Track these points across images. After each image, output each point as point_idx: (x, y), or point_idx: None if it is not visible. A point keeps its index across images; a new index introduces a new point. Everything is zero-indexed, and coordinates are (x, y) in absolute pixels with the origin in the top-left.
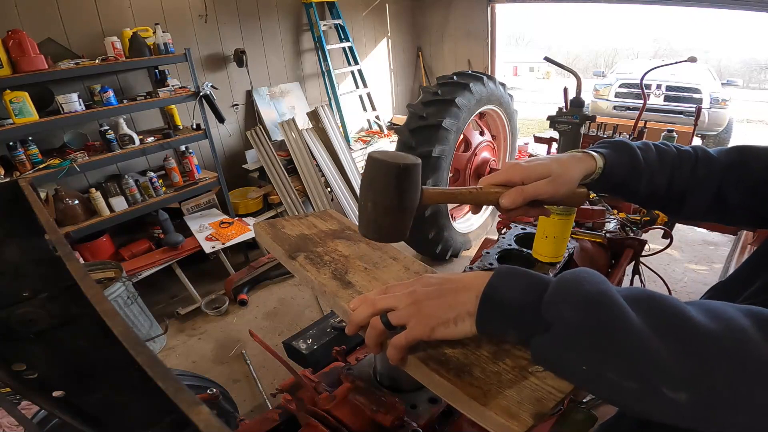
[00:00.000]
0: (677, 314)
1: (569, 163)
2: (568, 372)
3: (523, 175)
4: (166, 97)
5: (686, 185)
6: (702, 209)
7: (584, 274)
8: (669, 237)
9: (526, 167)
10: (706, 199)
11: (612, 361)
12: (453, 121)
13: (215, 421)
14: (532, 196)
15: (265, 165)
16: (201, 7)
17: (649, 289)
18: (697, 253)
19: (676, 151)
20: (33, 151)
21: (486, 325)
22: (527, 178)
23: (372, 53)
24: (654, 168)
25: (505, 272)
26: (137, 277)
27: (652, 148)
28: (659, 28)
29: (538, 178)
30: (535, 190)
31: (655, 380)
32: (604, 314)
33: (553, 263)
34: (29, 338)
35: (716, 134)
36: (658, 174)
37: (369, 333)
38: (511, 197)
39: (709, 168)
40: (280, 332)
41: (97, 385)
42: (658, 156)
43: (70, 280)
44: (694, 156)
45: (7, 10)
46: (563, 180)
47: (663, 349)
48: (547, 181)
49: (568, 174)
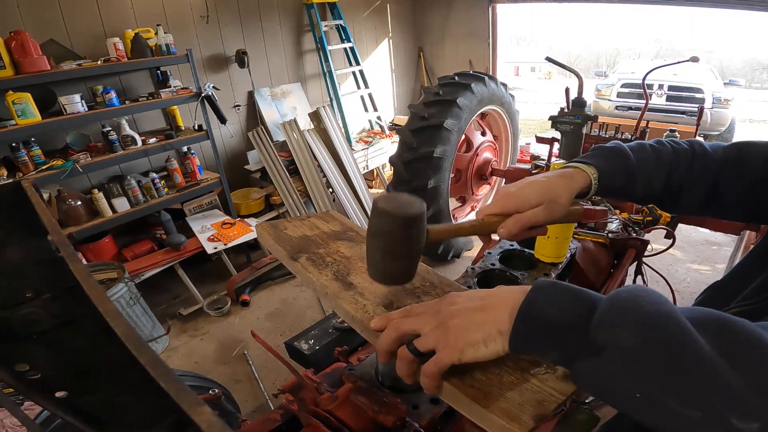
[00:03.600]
0: (751, 339)
1: (560, 185)
2: (618, 398)
3: (517, 205)
4: (168, 98)
5: (682, 181)
6: (697, 204)
7: (641, 292)
8: (672, 237)
9: (519, 197)
10: (701, 194)
11: (675, 389)
12: (454, 121)
13: (217, 421)
14: (529, 224)
15: (267, 166)
16: (202, 7)
17: (717, 311)
18: (700, 254)
19: (672, 149)
20: (36, 152)
21: (521, 344)
22: (522, 207)
23: (373, 54)
24: (649, 169)
25: (548, 286)
26: (140, 277)
27: (647, 149)
28: (661, 28)
29: (532, 207)
30: (531, 218)
31: (724, 410)
32: (668, 339)
33: (555, 263)
34: (32, 339)
35: (719, 134)
36: (654, 174)
37: (399, 366)
38: (508, 228)
39: (705, 163)
40: (282, 333)
41: (99, 385)
42: (655, 156)
43: (73, 281)
44: (691, 152)
45: (10, 12)
46: (557, 205)
47: (735, 377)
48: (541, 208)
49: (561, 198)
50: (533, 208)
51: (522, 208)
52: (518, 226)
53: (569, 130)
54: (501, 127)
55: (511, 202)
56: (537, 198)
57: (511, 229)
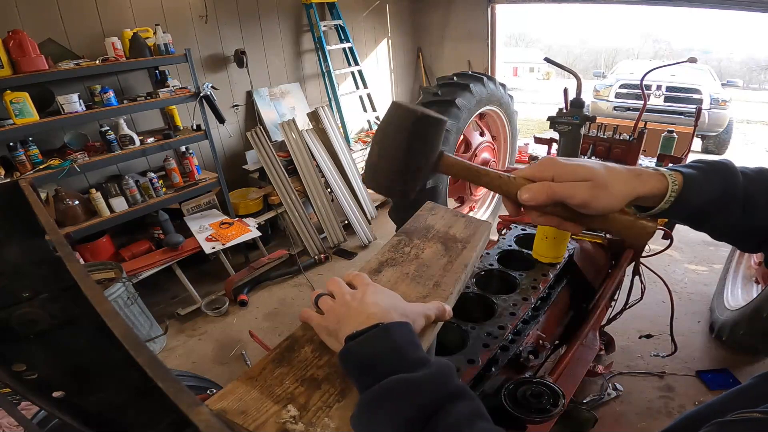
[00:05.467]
0: None
1: (622, 175)
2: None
3: (556, 172)
4: (166, 97)
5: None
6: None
7: None
8: (669, 238)
9: (563, 164)
10: None
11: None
12: (453, 121)
13: (215, 421)
14: (560, 196)
15: (266, 166)
16: (201, 7)
17: None
18: (698, 254)
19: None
20: (33, 151)
21: (344, 359)
22: (561, 176)
23: (372, 54)
24: (762, 201)
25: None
26: (137, 277)
27: None
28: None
29: (574, 179)
30: (565, 190)
31: None
32: None
33: (553, 264)
34: (29, 339)
35: (716, 135)
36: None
37: None
38: (533, 191)
39: None
40: (280, 333)
41: (97, 385)
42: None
43: (71, 281)
44: None
45: (8, 11)
46: (605, 191)
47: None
48: (585, 184)
49: (615, 186)
50: (576, 182)
51: (560, 177)
52: (545, 194)
53: (567, 130)
54: (499, 127)
55: (551, 167)
56: (585, 173)
57: (535, 194)
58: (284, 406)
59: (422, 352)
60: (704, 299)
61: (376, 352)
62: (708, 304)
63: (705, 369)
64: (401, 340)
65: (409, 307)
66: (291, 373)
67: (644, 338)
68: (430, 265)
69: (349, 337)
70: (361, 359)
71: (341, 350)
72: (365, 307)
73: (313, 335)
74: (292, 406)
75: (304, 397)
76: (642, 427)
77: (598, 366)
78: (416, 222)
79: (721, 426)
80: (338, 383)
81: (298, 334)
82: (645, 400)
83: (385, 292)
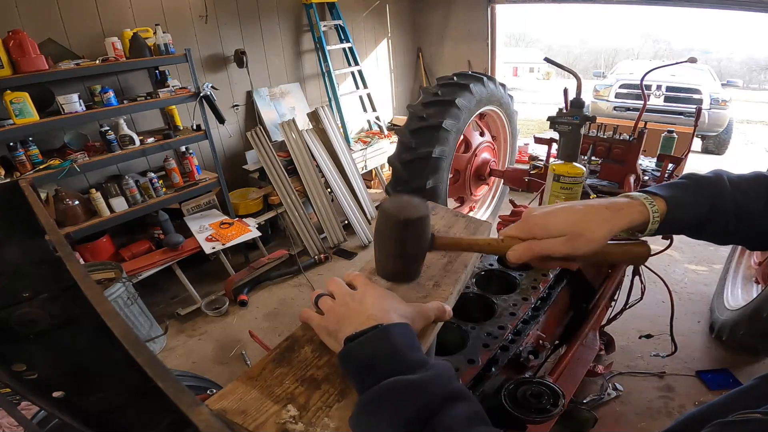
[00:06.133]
0: None
1: (597, 218)
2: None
3: (535, 231)
4: (166, 97)
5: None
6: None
7: None
8: (669, 238)
9: (539, 223)
10: None
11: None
12: (453, 121)
13: (215, 421)
14: (543, 253)
15: (266, 166)
16: (201, 7)
17: None
18: (698, 254)
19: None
20: (33, 151)
21: (343, 360)
22: (539, 234)
23: (372, 54)
24: (753, 208)
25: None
26: (137, 277)
27: (763, 181)
28: (659, 29)
29: (551, 236)
30: (546, 248)
31: None
32: None
33: None
34: (29, 339)
35: (716, 135)
36: (762, 216)
37: None
38: (518, 253)
39: None
40: (280, 333)
41: (97, 385)
42: None
43: (71, 281)
44: None
45: (8, 11)
46: (582, 239)
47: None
48: (561, 240)
49: (590, 232)
50: (553, 238)
51: (539, 235)
52: (528, 254)
53: (567, 130)
54: (499, 127)
55: (530, 226)
56: (559, 227)
57: (520, 254)
58: (284, 406)
59: (422, 354)
60: (704, 299)
61: (375, 353)
62: (708, 304)
63: (705, 369)
64: (401, 341)
65: (409, 307)
66: (291, 373)
67: (644, 338)
68: (429, 265)
69: (349, 338)
70: (360, 360)
71: (341, 351)
72: (365, 308)
73: (313, 335)
74: (292, 406)
75: (304, 397)
76: (642, 427)
77: (598, 366)
78: None
79: (722, 426)
80: (338, 383)
81: (298, 334)
82: (645, 400)
83: (385, 292)
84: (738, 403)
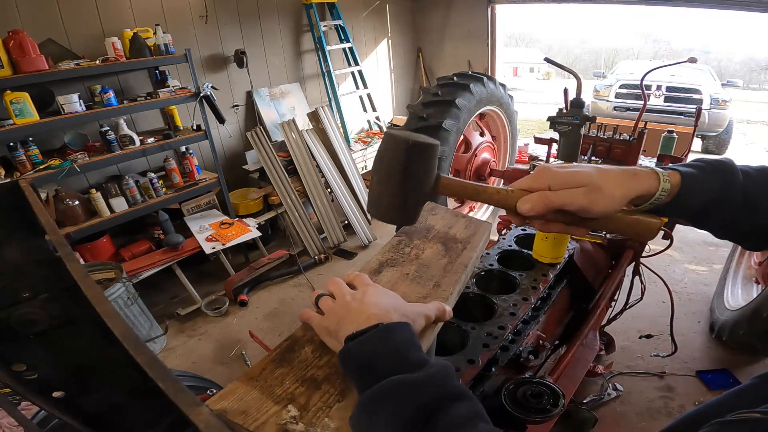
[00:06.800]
0: None
1: (616, 176)
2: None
3: (551, 181)
4: (166, 97)
5: None
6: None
7: None
8: (669, 238)
9: (557, 172)
10: None
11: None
12: (453, 122)
13: (215, 421)
14: (558, 204)
15: (266, 166)
16: (201, 7)
17: None
18: (698, 254)
19: None
20: (33, 151)
21: (342, 359)
22: (556, 184)
23: (372, 54)
24: (762, 196)
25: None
26: (137, 277)
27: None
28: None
29: (570, 186)
30: (562, 198)
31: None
32: None
33: (553, 264)
34: (29, 339)
35: (716, 135)
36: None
37: None
38: (532, 202)
39: None
40: (280, 333)
41: (97, 385)
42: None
43: (71, 281)
44: None
45: (8, 11)
46: (601, 194)
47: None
48: (580, 190)
49: (610, 188)
50: (571, 189)
51: (555, 186)
52: (541, 204)
53: (567, 130)
54: (500, 127)
55: (546, 176)
56: (579, 178)
57: (534, 205)
58: (284, 407)
59: (422, 353)
60: (704, 299)
61: (376, 352)
62: (708, 304)
63: (705, 369)
64: (401, 340)
65: (409, 307)
66: (291, 374)
67: (644, 338)
68: (430, 265)
69: (349, 338)
70: (360, 359)
71: (341, 350)
72: (365, 308)
73: (314, 335)
74: (293, 407)
75: (304, 397)
76: (642, 428)
77: (598, 366)
78: (416, 222)
79: (720, 426)
80: (338, 383)
81: (298, 334)
82: (645, 401)
83: (386, 292)
84: (736, 403)
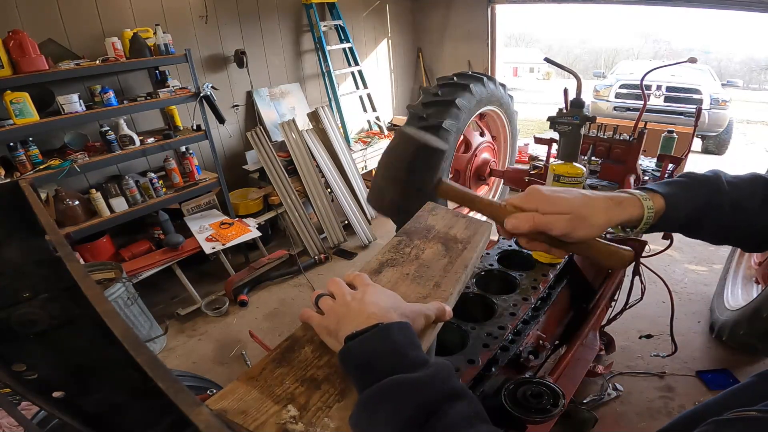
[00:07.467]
0: None
1: (601, 205)
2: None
3: (540, 204)
4: (166, 97)
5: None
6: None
7: None
8: (669, 238)
9: (548, 196)
10: None
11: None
12: (453, 122)
13: (215, 421)
14: (541, 227)
15: (266, 166)
16: (201, 7)
17: None
18: (698, 254)
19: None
20: (33, 151)
21: (342, 358)
22: (543, 208)
23: (372, 54)
24: (749, 206)
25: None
26: (137, 277)
27: (760, 181)
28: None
29: (556, 211)
30: (546, 222)
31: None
32: None
33: (553, 264)
34: (29, 339)
35: (716, 135)
36: (758, 214)
37: None
38: (518, 221)
39: None
40: (280, 333)
41: (97, 385)
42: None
43: (71, 281)
44: None
45: (8, 11)
46: (584, 223)
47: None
48: (565, 217)
49: (593, 218)
50: (557, 215)
51: (543, 209)
52: (527, 224)
53: (567, 130)
54: (500, 127)
55: (536, 199)
56: (566, 205)
57: (518, 224)
58: (284, 406)
59: (422, 353)
60: (704, 299)
61: (375, 351)
62: (708, 304)
63: (705, 369)
64: (401, 340)
65: (409, 307)
66: (291, 374)
67: (644, 338)
68: (430, 265)
69: (349, 337)
70: (360, 359)
71: (341, 350)
72: (365, 308)
73: (314, 335)
74: (292, 406)
75: (304, 397)
76: (642, 428)
77: (598, 366)
78: (416, 222)
79: (717, 424)
80: (338, 383)
81: (298, 334)
82: (645, 401)
83: (386, 292)
84: (734, 401)
